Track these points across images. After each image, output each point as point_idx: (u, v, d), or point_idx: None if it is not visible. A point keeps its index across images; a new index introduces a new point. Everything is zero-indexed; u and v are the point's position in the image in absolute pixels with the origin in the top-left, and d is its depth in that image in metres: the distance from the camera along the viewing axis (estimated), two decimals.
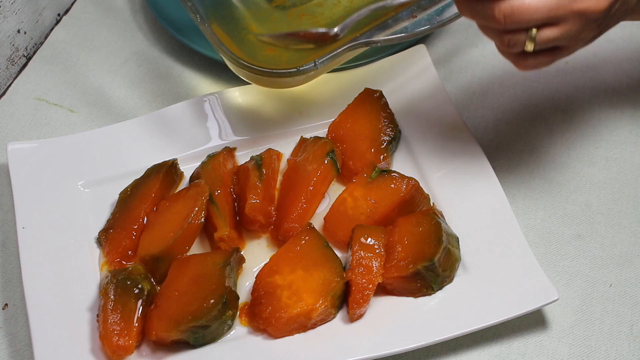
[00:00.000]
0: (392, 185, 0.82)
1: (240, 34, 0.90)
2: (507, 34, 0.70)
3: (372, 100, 0.90)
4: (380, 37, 0.85)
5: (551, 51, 0.72)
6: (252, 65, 0.84)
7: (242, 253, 0.81)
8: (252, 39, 0.90)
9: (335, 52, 0.85)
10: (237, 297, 0.77)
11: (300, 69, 0.84)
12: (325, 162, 0.84)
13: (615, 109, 0.95)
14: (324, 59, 0.84)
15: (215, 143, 0.90)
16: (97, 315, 0.76)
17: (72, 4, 1.07)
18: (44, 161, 0.87)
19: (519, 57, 0.72)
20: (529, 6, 0.67)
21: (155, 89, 0.99)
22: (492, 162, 0.87)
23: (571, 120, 0.95)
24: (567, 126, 0.95)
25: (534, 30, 0.69)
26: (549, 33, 0.69)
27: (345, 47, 0.85)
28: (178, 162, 0.87)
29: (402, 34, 0.87)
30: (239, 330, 0.77)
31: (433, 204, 0.84)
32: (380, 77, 0.94)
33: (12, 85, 0.99)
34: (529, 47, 0.70)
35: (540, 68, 0.73)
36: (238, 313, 0.77)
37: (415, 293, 0.78)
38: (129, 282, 0.77)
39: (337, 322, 0.77)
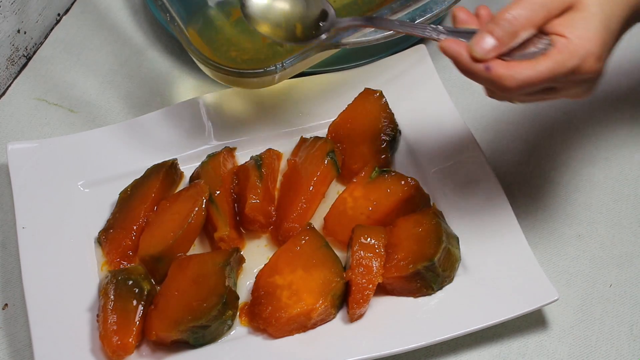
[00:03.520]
0: (392, 185, 0.82)
1: (214, 38, 0.90)
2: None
3: (372, 100, 0.90)
4: (350, 39, 0.85)
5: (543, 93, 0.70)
6: (220, 65, 0.84)
7: (242, 253, 0.81)
8: (225, 44, 0.90)
9: (303, 53, 0.85)
10: (237, 297, 0.77)
11: (267, 69, 0.84)
12: (325, 162, 0.84)
13: (615, 109, 0.95)
14: (291, 59, 0.84)
15: (215, 143, 0.90)
16: (97, 315, 0.76)
17: (72, 4, 1.07)
18: (44, 161, 0.87)
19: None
20: (527, 80, 0.65)
21: (155, 89, 0.99)
22: (492, 162, 0.87)
23: (571, 120, 0.95)
24: (567, 126, 0.95)
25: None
26: (548, 94, 0.69)
27: (313, 48, 0.85)
28: (178, 162, 0.87)
29: (373, 37, 0.87)
30: (239, 330, 0.77)
31: (433, 204, 0.84)
32: (380, 77, 0.94)
33: (12, 85, 0.99)
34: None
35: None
36: (238, 313, 0.77)
37: (415, 293, 0.78)
38: (129, 282, 0.77)
39: (337, 322, 0.77)
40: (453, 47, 0.67)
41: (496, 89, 0.67)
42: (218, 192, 0.83)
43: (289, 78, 0.90)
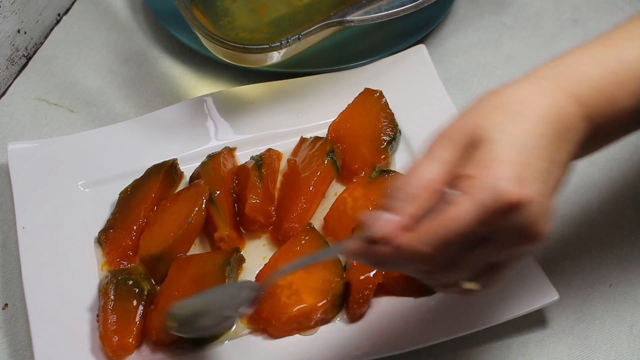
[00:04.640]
0: None
1: (220, 18, 0.90)
2: (439, 273, 0.57)
3: (372, 100, 0.90)
4: (354, 16, 0.85)
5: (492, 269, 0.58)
6: (225, 41, 0.84)
7: (242, 253, 0.81)
8: (229, 23, 0.91)
9: (308, 31, 0.85)
10: None
11: (272, 45, 0.84)
12: (325, 162, 0.84)
13: None
14: (295, 37, 0.84)
15: (215, 143, 0.90)
16: (97, 315, 0.76)
17: (72, 4, 1.07)
18: (44, 161, 0.87)
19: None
20: (441, 236, 0.54)
21: (155, 89, 0.99)
22: None
23: None
24: None
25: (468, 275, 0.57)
26: (485, 254, 0.56)
27: (317, 26, 0.85)
28: (178, 162, 0.87)
29: (376, 14, 0.86)
30: (239, 330, 0.77)
31: None
32: (380, 77, 0.94)
33: (12, 85, 0.99)
34: (470, 285, 0.59)
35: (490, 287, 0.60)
36: None
37: (415, 293, 0.78)
38: (129, 282, 0.77)
39: (337, 322, 0.77)
40: (352, 245, 0.57)
41: (421, 263, 0.56)
42: (218, 192, 0.83)
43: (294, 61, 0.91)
